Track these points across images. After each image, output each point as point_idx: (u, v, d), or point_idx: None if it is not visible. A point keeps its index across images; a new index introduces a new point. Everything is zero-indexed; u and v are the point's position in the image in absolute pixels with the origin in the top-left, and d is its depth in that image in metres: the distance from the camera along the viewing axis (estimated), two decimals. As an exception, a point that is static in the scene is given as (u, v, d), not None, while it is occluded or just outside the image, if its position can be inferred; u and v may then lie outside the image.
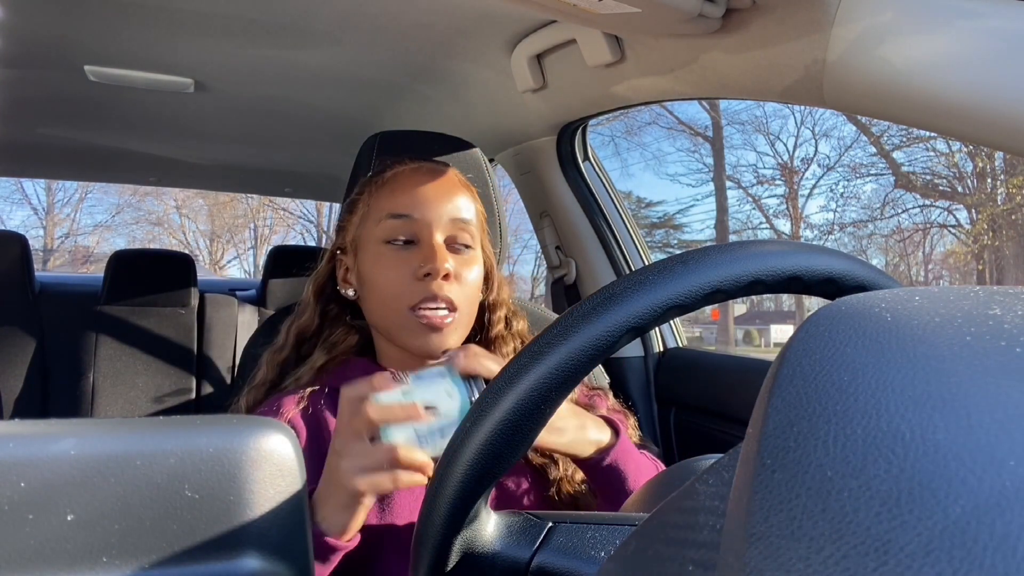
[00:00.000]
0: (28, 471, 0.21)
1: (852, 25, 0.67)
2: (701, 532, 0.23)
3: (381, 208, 0.76)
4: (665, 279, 0.33)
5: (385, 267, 0.74)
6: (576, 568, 0.38)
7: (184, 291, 1.99)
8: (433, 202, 0.75)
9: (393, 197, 0.76)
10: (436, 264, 0.72)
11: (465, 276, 0.75)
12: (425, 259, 0.73)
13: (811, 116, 14.54)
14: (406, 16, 1.09)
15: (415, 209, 0.75)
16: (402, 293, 0.73)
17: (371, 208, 0.78)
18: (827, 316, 0.21)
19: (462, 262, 0.75)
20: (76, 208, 17.99)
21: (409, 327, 0.73)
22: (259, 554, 0.23)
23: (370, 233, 0.76)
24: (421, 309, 0.72)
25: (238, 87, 1.42)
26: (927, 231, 14.71)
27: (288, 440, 0.24)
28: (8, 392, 1.76)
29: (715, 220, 15.29)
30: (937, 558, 0.13)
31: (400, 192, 0.76)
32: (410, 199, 0.75)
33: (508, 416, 0.33)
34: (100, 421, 0.24)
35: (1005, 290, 0.21)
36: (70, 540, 0.21)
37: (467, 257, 0.76)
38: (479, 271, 0.78)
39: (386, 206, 0.76)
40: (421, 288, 0.72)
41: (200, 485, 0.22)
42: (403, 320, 0.73)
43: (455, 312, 0.73)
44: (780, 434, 0.18)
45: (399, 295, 0.73)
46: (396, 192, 0.76)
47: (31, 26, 1.14)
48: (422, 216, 0.74)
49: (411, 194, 0.76)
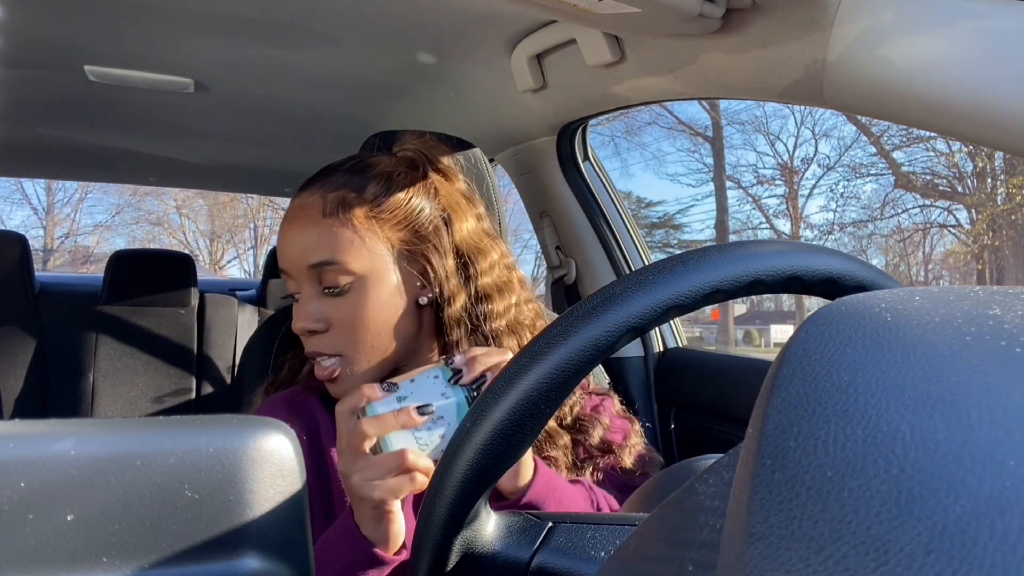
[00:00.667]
0: (28, 471, 0.21)
1: (852, 25, 0.67)
2: (701, 532, 0.23)
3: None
4: (665, 279, 0.33)
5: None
6: (576, 568, 0.38)
7: (184, 291, 1.99)
8: (289, 251, 0.71)
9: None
10: (295, 323, 0.71)
11: (345, 322, 0.69)
12: (292, 317, 0.72)
13: (811, 116, 14.56)
14: (406, 16, 1.09)
15: (282, 261, 0.72)
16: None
17: None
18: (827, 316, 0.21)
19: (338, 307, 0.69)
20: (76, 208, 18.01)
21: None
22: (259, 554, 0.23)
23: None
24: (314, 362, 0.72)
25: (238, 87, 1.42)
26: (927, 231, 14.72)
27: (288, 440, 0.24)
28: (8, 392, 1.76)
29: (715, 220, 15.30)
30: (937, 558, 0.13)
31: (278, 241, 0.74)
32: (280, 250, 0.72)
33: (508, 416, 0.33)
34: (100, 421, 0.24)
35: (1005, 290, 0.21)
36: (70, 540, 0.21)
37: (345, 299, 0.69)
38: (372, 300, 0.69)
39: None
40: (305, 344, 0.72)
41: (200, 485, 0.22)
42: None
43: (341, 358, 0.70)
44: (780, 434, 0.18)
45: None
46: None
47: (31, 26, 1.14)
48: (287, 268, 0.71)
49: (280, 245, 0.72)
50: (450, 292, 0.72)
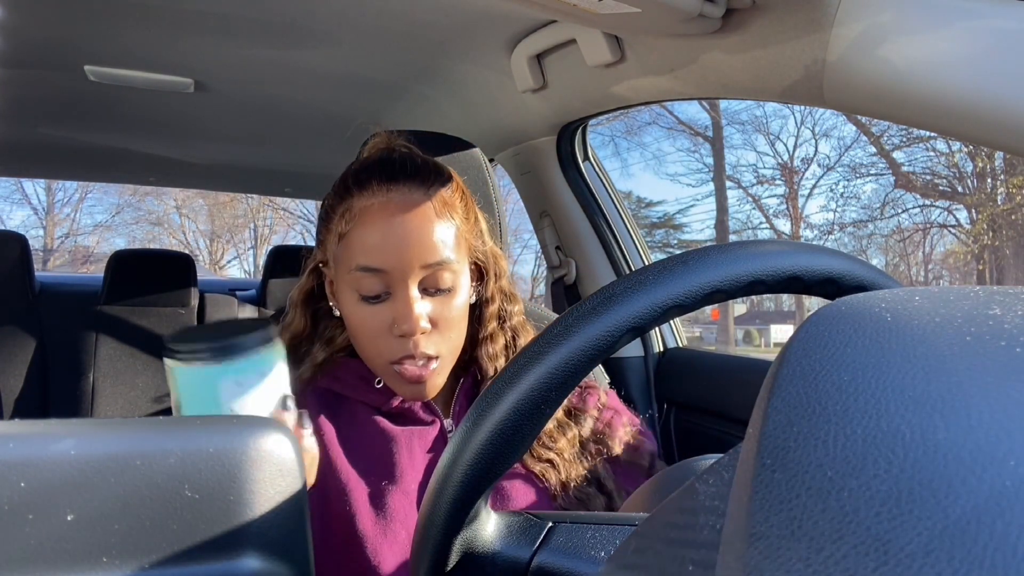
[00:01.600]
0: (28, 471, 0.21)
1: (852, 25, 0.67)
2: (701, 532, 0.23)
3: (351, 255, 0.69)
4: (665, 279, 0.33)
5: (360, 320, 0.70)
6: (576, 568, 0.38)
7: (184, 291, 1.99)
8: (404, 251, 0.67)
9: (363, 243, 0.68)
10: (411, 325, 0.67)
11: (446, 319, 0.70)
12: (398, 318, 0.68)
13: (811, 116, 14.56)
14: (406, 16, 1.09)
15: (386, 261, 0.67)
16: (380, 349, 0.70)
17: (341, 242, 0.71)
18: (827, 316, 0.21)
19: (442, 305, 0.70)
20: (76, 208, 18.01)
21: (391, 377, 0.71)
22: (259, 554, 0.23)
23: (342, 275, 0.71)
24: (401, 364, 0.69)
25: (238, 87, 1.42)
26: (927, 231, 14.72)
27: (288, 440, 0.24)
28: (8, 392, 1.76)
29: (715, 220, 15.30)
30: (937, 558, 0.13)
31: (369, 237, 0.68)
32: (379, 249, 0.67)
33: (508, 416, 0.33)
34: (100, 421, 0.24)
35: (1005, 290, 0.21)
36: (70, 540, 0.21)
37: (447, 297, 0.70)
38: (463, 298, 0.72)
39: (356, 254, 0.68)
40: (399, 345, 0.69)
41: (200, 485, 0.22)
42: (384, 371, 0.71)
43: (437, 359, 0.70)
44: (780, 434, 0.18)
45: (377, 350, 0.70)
46: (365, 237, 0.68)
47: (31, 26, 1.14)
48: (393, 268, 0.67)
49: (380, 242, 0.67)
50: (491, 291, 0.78)
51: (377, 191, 0.69)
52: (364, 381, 0.75)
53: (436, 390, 0.72)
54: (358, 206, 0.69)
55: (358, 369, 0.77)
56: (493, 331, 0.78)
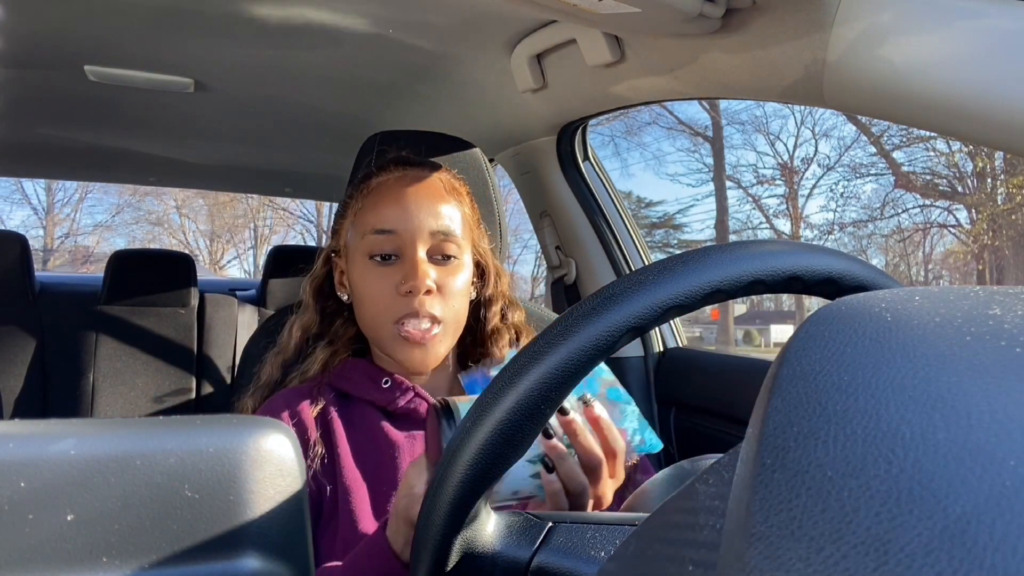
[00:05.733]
0: (28, 471, 0.21)
1: (852, 25, 0.67)
2: (701, 532, 0.23)
3: (366, 221, 0.76)
4: (665, 279, 0.33)
5: (369, 282, 0.75)
6: (576, 568, 0.38)
7: (184, 291, 1.99)
8: (415, 214, 0.75)
9: (377, 210, 0.76)
10: (417, 282, 0.72)
11: (449, 287, 0.75)
12: (407, 275, 0.73)
13: (811, 116, 14.54)
14: (406, 16, 1.09)
15: (398, 223, 0.74)
16: (386, 308, 0.74)
17: (357, 218, 0.78)
18: (827, 316, 0.21)
19: (446, 273, 0.75)
20: (76, 208, 18.00)
21: (394, 341, 0.74)
22: (259, 554, 0.23)
23: (356, 244, 0.77)
24: (404, 324, 0.73)
25: (238, 87, 1.42)
26: (927, 231, 14.71)
27: (288, 440, 0.24)
28: (8, 392, 1.76)
29: (715, 220, 15.28)
30: (937, 558, 0.13)
31: (384, 205, 0.76)
32: (393, 212, 0.75)
33: (508, 416, 0.33)
34: (100, 421, 0.24)
35: (1005, 290, 0.21)
36: (70, 540, 0.21)
37: (451, 267, 0.76)
38: (465, 277, 0.78)
39: (370, 219, 0.76)
40: (404, 304, 0.73)
41: (200, 485, 0.22)
42: (388, 333, 0.74)
43: (439, 324, 0.74)
44: (780, 434, 0.18)
45: (383, 310, 0.74)
46: (380, 205, 0.76)
47: (31, 26, 1.14)
48: (404, 230, 0.74)
49: (394, 207, 0.75)
50: (493, 292, 0.83)
51: (393, 171, 0.79)
52: (371, 380, 0.77)
53: (437, 360, 0.76)
54: (375, 183, 0.79)
55: (365, 369, 0.78)
56: (498, 326, 0.83)
